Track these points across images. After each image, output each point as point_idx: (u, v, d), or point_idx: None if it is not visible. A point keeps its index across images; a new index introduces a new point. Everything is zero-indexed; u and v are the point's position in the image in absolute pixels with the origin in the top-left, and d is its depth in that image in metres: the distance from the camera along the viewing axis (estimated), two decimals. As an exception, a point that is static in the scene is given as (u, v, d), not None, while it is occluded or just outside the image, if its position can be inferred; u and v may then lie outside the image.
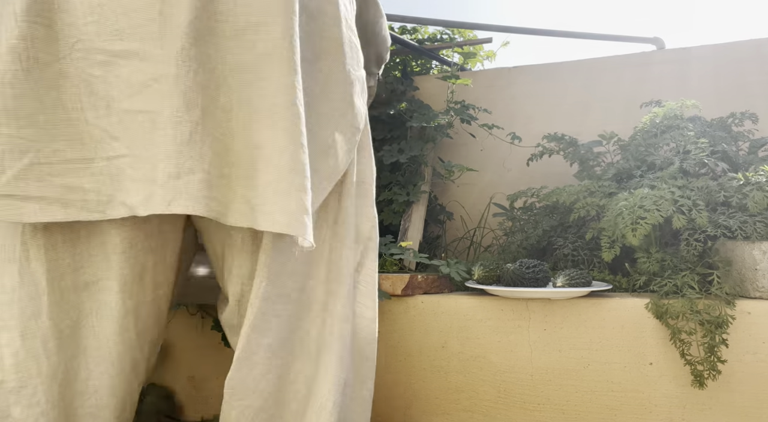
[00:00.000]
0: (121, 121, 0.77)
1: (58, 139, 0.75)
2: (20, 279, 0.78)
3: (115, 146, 0.77)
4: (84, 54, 0.76)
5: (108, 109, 0.77)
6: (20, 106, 0.72)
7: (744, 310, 1.15)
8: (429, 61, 2.26)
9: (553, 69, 2.07)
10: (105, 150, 0.77)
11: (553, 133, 1.71)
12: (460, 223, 2.06)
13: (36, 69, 0.73)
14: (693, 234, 1.23)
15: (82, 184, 0.75)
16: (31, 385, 0.77)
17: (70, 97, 0.76)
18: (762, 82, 1.83)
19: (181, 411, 1.49)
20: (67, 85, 0.76)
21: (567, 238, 1.50)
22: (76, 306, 0.83)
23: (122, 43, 0.76)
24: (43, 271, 0.78)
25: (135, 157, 0.76)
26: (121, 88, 0.77)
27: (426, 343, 1.34)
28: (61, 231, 0.80)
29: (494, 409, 1.29)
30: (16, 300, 0.77)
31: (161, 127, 0.74)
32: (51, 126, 0.74)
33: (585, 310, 1.23)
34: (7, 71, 0.72)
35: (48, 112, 0.74)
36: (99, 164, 0.77)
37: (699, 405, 1.16)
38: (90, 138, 0.77)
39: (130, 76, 0.76)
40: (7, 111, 0.71)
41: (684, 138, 1.43)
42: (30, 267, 0.78)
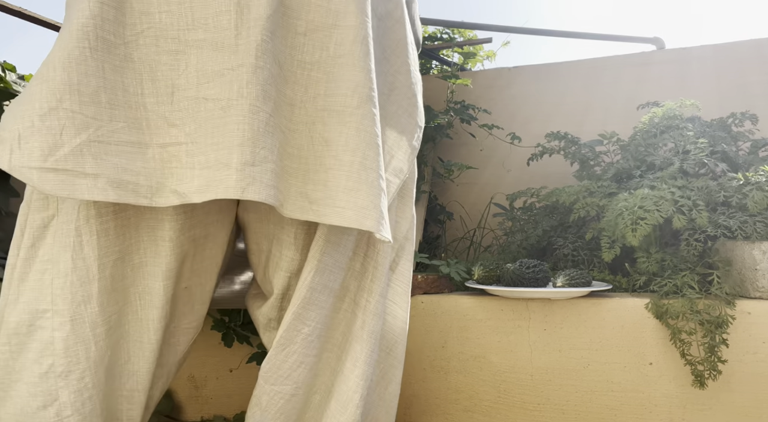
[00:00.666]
0: (183, 109, 0.77)
1: (117, 120, 0.75)
2: (72, 265, 0.78)
3: (172, 133, 0.77)
4: (153, 41, 0.77)
5: (171, 96, 0.78)
6: (84, 83, 0.72)
7: (744, 310, 1.15)
8: (429, 60, 2.26)
9: (553, 69, 2.07)
10: (161, 136, 0.77)
11: (555, 132, 1.70)
12: (460, 223, 2.06)
13: (103, 49, 0.74)
14: (693, 234, 1.23)
15: (135, 168, 0.75)
16: (79, 370, 0.78)
17: (131, 82, 0.77)
18: (762, 82, 1.83)
19: (181, 411, 1.49)
20: (130, 69, 0.77)
21: (567, 238, 1.50)
22: (122, 292, 0.84)
23: (196, 32, 0.77)
24: (94, 257, 0.79)
25: (194, 144, 0.77)
26: (190, 76, 0.77)
27: (426, 343, 1.34)
28: (114, 218, 0.81)
29: (494, 409, 1.29)
30: (68, 285, 0.78)
31: (235, 114, 0.75)
32: (111, 107, 0.75)
33: (585, 310, 1.23)
34: (75, 48, 0.72)
35: (109, 93, 0.75)
36: (153, 150, 0.77)
37: (699, 405, 1.16)
38: (147, 124, 0.77)
39: (203, 65, 0.77)
40: (71, 86, 0.72)
41: (684, 138, 1.43)
42: (83, 252, 0.78)
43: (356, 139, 0.81)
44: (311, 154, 0.82)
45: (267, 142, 0.76)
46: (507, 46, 2.20)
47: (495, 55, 2.21)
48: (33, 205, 0.81)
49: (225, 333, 1.38)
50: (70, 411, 0.77)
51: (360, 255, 0.96)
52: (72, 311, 0.78)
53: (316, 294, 0.90)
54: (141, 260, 0.84)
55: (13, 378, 0.78)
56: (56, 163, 0.70)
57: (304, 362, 0.90)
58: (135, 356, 0.86)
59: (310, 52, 0.82)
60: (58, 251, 0.78)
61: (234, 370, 1.45)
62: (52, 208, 0.80)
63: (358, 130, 0.81)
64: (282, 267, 0.93)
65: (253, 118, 0.74)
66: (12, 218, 1.57)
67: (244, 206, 0.94)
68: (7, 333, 0.78)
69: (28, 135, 0.70)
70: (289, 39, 0.81)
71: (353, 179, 0.80)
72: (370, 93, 0.82)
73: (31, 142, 0.70)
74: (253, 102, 0.75)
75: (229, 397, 1.46)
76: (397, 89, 0.95)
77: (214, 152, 0.75)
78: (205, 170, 0.75)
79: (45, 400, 0.77)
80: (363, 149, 0.80)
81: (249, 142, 0.74)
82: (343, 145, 0.81)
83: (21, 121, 0.71)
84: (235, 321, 1.39)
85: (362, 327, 0.93)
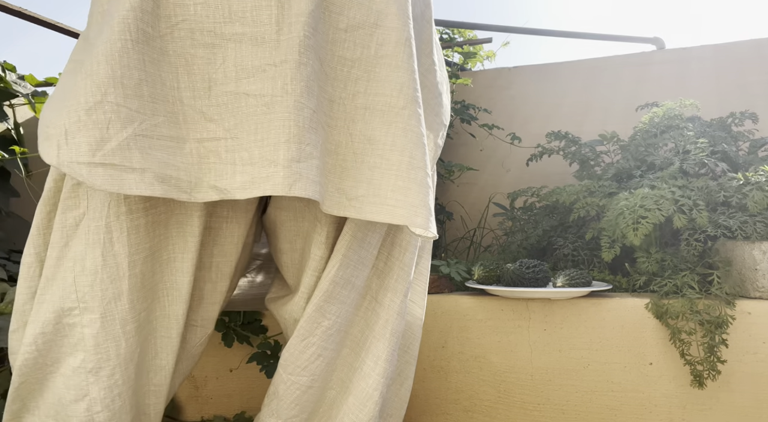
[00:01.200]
0: (222, 104, 0.77)
1: (158, 114, 0.74)
2: (103, 262, 0.78)
3: (210, 128, 0.77)
4: (188, 34, 0.76)
5: (209, 90, 0.77)
6: (127, 76, 0.72)
7: (744, 310, 1.15)
8: (429, 61, 2.25)
9: (553, 69, 2.07)
10: (198, 131, 0.77)
11: (556, 131, 1.70)
12: (460, 223, 2.06)
13: (143, 41, 0.74)
14: (693, 234, 1.23)
15: (176, 162, 0.75)
16: (110, 366, 0.78)
17: (168, 75, 0.76)
18: (762, 82, 1.83)
19: (181, 411, 1.49)
20: (166, 63, 0.76)
21: (567, 238, 1.50)
22: (151, 289, 0.84)
23: (233, 26, 0.76)
24: (125, 254, 0.79)
25: (235, 140, 0.76)
26: (228, 70, 0.77)
27: (426, 343, 1.34)
28: (145, 215, 0.80)
29: (494, 409, 1.29)
30: (98, 283, 0.77)
31: (279, 111, 0.74)
32: (153, 100, 0.74)
33: (585, 310, 1.23)
34: (117, 40, 0.71)
35: (150, 86, 0.74)
36: (190, 145, 0.77)
37: (699, 405, 1.16)
38: (183, 118, 0.77)
39: (242, 60, 0.77)
40: (114, 79, 0.71)
41: (684, 138, 1.43)
42: (113, 249, 0.78)
43: (403, 138, 0.81)
44: (350, 151, 0.82)
45: (311, 138, 0.76)
46: (507, 46, 2.20)
47: (495, 55, 2.21)
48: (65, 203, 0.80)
49: (225, 333, 1.38)
50: (100, 407, 0.78)
51: (384, 254, 0.96)
52: (102, 308, 0.78)
53: (339, 289, 0.90)
54: (169, 256, 0.84)
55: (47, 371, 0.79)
56: (104, 157, 0.69)
57: (322, 355, 0.91)
58: (163, 351, 0.87)
59: (351, 48, 0.82)
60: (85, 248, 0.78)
61: (234, 370, 1.45)
62: (83, 206, 0.80)
63: (405, 130, 0.81)
64: (311, 266, 0.93)
65: (298, 115, 0.74)
66: (12, 218, 1.57)
67: (278, 204, 0.94)
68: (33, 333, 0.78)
69: (75, 130, 0.69)
70: (330, 34, 0.81)
71: (402, 178, 0.80)
72: (415, 93, 0.82)
73: (78, 137, 0.69)
74: (297, 98, 0.74)
75: (229, 397, 1.46)
76: (426, 88, 0.96)
77: (258, 149, 0.75)
78: (249, 166, 0.75)
79: (77, 394, 0.77)
80: (411, 149, 0.81)
81: (295, 139, 0.74)
82: (390, 144, 0.81)
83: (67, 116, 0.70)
84: (235, 321, 1.39)
85: (385, 326, 0.94)
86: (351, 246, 0.90)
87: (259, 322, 1.40)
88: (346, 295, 0.92)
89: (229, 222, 0.90)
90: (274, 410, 0.92)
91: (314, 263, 0.93)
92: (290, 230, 0.95)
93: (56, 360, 0.79)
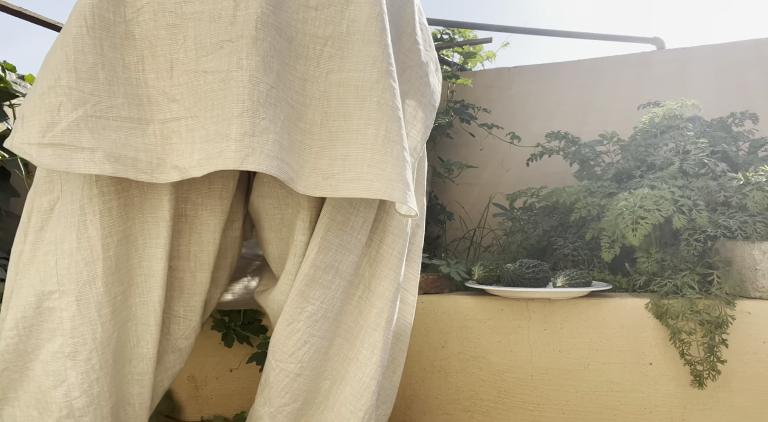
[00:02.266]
0: (183, 83, 0.78)
1: (116, 96, 0.76)
2: (77, 244, 0.78)
3: (172, 108, 0.78)
4: (152, 16, 0.78)
5: (171, 71, 0.78)
6: (81, 60, 0.74)
7: (744, 310, 1.15)
8: (429, 61, 2.25)
9: (553, 69, 2.07)
10: (162, 112, 0.78)
11: (556, 131, 1.70)
12: (460, 223, 2.06)
13: (101, 27, 0.75)
14: (693, 234, 1.23)
15: (135, 143, 0.76)
16: (86, 350, 0.78)
17: (132, 58, 0.78)
18: (762, 82, 1.83)
19: (181, 412, 1.49)
20: (131, 46, 0.78)
21: (567, 238, 1.50)
22: (127, 274, 0.84)
23: (193, 4, 0.77)
24: (98, 237, 0.79)
25: (194, 118, 0.77)
26: (188, 50, 0.78)
27: (426, 343, 1.34)
28: (117, 197, 0.81)
29: (494, 409, 1.29)
30: (73, 265, 0.78)
31: (234, 85, 0.75)
32: (110, 83, 0.76)
33: (585, 310, 1.23)
34: (72, 28, 0.74)
35: (108, 70, 0.76)
36: (154, 126, 0.77)
37: (699, 405, 1.16)
38: (148, 100, 0.78)
39: (201, 38, 0.77)
40: (67, 64, 0.73)
41: (684, 138, 1.43)
42: (87, 232, 0.79)
43: (378, 112, 0.80)
44: (325, 129, 0.82)
45: (268, 114, 0.75)
46: (507, 46, 2.20)
47: (495, 55, 2.21)
48: (38, 189, 0.81)
49: (225, 333, 1.38)
50: (78, 392, 0.77)
51: (376, 242, 0.96)
52: (78, 291, 0.78)
53: (320, 273, 0.89)
54: (145, 242, 0.85)
55: (27, 359, 0.79)
56: (53, 138, 0.71)
57: (308, 341, 0.90)
58: (143, 339, 0.86)
59: (322, 26, 0.82)
60: (63, 231, 0.79)
61: (234, 370, 1.45)
62: (57, 190, 0.81)
63: (380, 104, 0.80)
64: (294, 252, 0.93)
65: (253, 89, 0.74)
66: (12, 218, 1.57)
67: (260, 193, 0.94)
68: (14, 318, 0.78)
69: (29, 114, 0.72)
70: (300, 13, 0.81)
71: (378, 152, 0.79)
72: (389, 67, 0.82)
73: (32, 120, 0.72)
74: (253, 73, 0.74)
75: (229, 397, 1.46)
76: (410, 68, 0.95)
77: (213, 125, 0.75)
78: (205, 144, 0.75)
79: (55, 380, 0.77)
80: (386, 122, 0.80)
81: (249, 113, 0.74)
82: (365, 119, 0.80)
83: (25, 103, 0.73)
84: (235, 322, 1.39)
85: (380, 315, 0.93)
86: (330, 229, 0.89)
87: (259, 322, 1.40)
88: (330, 280, 0.91)
89: (204, 210, 0.90)
90: (266, 398, 0.92)
91: (297, 249, 0.92)
92: (274, 219, 0.94)
93: (36, 346, 0.79)
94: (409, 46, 0.95)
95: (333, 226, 0.89)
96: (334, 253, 0.90)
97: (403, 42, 0.94)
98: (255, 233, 1.05)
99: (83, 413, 0.78)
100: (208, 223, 0.90)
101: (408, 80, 0.95)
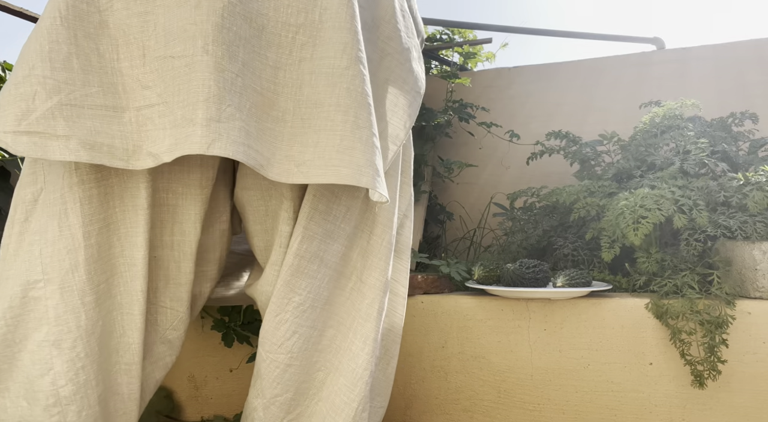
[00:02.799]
0: (155, 70, 0.78)
1: (91, 85, 0.77)
2: (59, 233, 0.79)
3: (146, 95, 0.78)
4: (124, 5, 0.79)
5: (143, 58, 0.79)
6: (56, 50, 0.75)
7: (744, 310, 1.15)
8: (428, 60, 2.26)
9: (553, 69, 2.07)
10: (136, 99, 0.79)
11: (557, 131, 1.70)
12: (460, 223, 2.06)
13: (75, 17, 0.77)
14: (693, 234, 1.23)
15: (110, 130, 0.77)
16: (71, 338, 0.79)
17: (107, 48, 0.79)
18: (762, 82, 1.83)
19: (181, 411, 1.49)
20: (105, 36, 0.79)
21: (567, 238, 1.50)
22: (110, 262, 0.84)
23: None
24: (79, 225, 0.80)
25: (165, 104, 0.77)
26: (159, 36, 0.78)
27: (426, 343, 1.34)
28: (97, 185, 0.82)
29: (494, 409, 1.29)
30: (56, 253, 0.79)
31: (200, 70, 0.75)
32: (84, 72, 0.77)
33: (585, 310, 1.23)
34: (47, 19, 0.76)
35: (83, 59, 0.77)
36: (129, 114, 0.78)
37: (699, 405, 1.16)
38: (123, 88, 0.79)
39: (169, 23, 0.78)
40: (42, 54, 0.74)
41: (684, 138, 1.43)
42: (68, 220, 0.80)
43: (347, 99, 0.81)
44: (297, 117, 0.82)
45: (234, 100, 0.76)
46: (506, 46, 2.20)
47: (494, 56, 2.21)
48: (23, 180, 0.82)
49: (225, 333, 1.38)
50: (64, 380, 0.78)
51: (366, 233, 0.96)
52: (61, 279, 0.79)
53: (305, 263, 0.90)
54: (127, 230, 0.85)
55: (15, 349, 0.79)
56: (29, 126, 0.72)
57: (297, 331, 0.90)
58: (129, 329, 0.87)
59: (294, 14, 0.82)
60: (46, 221, 0.79)
61: (234, 370, 1.45)
62: (40, 181, 0.82)
63: (349, 90, 0.81)
64: (278, 242, 0.93)
65: (218, 76, 0.75)
66: (12, 218, 1.57)
67: (243, 184, 0.94)
68: (2, 308, 0.79)
69: (5, 104, 0.73)
70: (272, 1, 0.81)
71: (347, 138, 0.80)
72: (359, 54, 0.82)
73: (8, 109, 0.73)
74: (218, 60, 0.75)
75: (229, 397, 1.46)
76: (389, 55, 0.95)
77: (180, 109, 0.76)
78: (174, 129, 0.76)
79: (42, 369, 0.78)
80: (355, 109, 0.81)
81: (215, 99, 0.74)
82: (335, 105, 0.81)
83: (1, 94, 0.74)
84: (235, 321, 1.39)
85: (371, 306, 0.94)
86: (312, 218, 0.89)
87: (259, 322, 1.40)
88: (315, 270, 0.91)
89: (185, 199, 0.90)
90: (259, 390, 0.92)
91: (282, 239, 0.93)
92: (259, 210, 0.95)
93: (24, 336, 0.79)
94: (388, 32, 0.94)
95: (315, 216, 0.90)
96: (318, 243, 0.91)
97: (382, 29, 0.94)
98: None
99: (70, 401, 0.78)
100: (189, 213, 0.91)
101: (388, 67, 0.94)
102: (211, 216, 0.97)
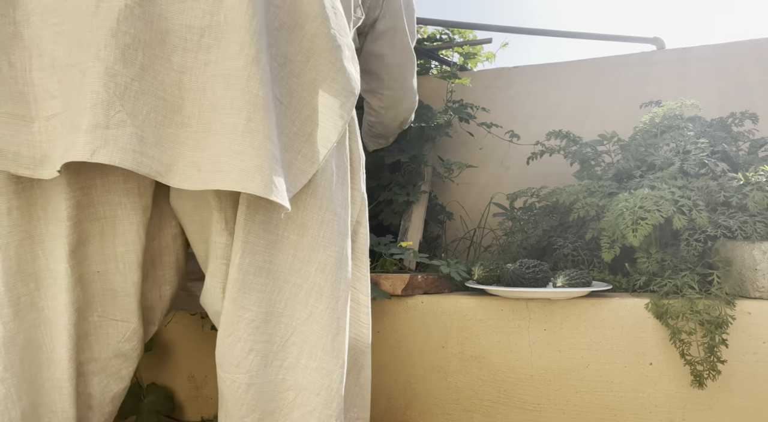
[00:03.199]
0: (60, 80, 0.78)
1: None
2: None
3: (53, 104, 0.79)
4: (40, 17, 0.79)
5: (53, 68, 0.79)
6: None
7: (744, 310, 1.15)
8: (428, 61, 2.26)
9: (553, 69, 2.07)
10: (45, 109, 0.79)
11: (557, 131, 1.70)
12: (460, 223, 2.06)
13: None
14: (693, 235, 1.23)
15: (17, 139, 0.77)
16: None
17: (19, 59, 0.79)
18: (762, 82, 1.83)
19: (181, 411, 1.49)
20: (18, 47, 0.79)
21: (567, 238, 1.50)
22: (33, 274, 0.84)
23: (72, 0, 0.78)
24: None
25: (65, 113, 0.78)
26: (65, 45, 0.78)
27: (426, 343, 1.34)
28: (17, 197, 0.82)
29: (494, 409, 1.29)
30: None
31: (91, 76, 0.75)
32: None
33: (585, 310, 1.23)
34: None
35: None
36: (39, 124, 0.79)
37: (699, 405, 1.16)
38: (34, 98, 0.79)
39: (73, 32, 0.78)
40: None
41: (684, 138, 1.43)
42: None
43: (241, 101, 0.78)
44: (201, 122, 0.80)
45: (127, 106, 0.75)
46: (506, 46, 2.20)
47: (494, 56, 2.21)
48: None
49: (225, 333, 1.38)
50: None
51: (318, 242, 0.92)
52: None
53: (251, 277, 0.87)
54: (52, 243, 0.85)
55: None
56: None
57: (254, 349, 0.87)
58: (57, 345, 0.86)
59: (199, 16, 0.80)
60: None
61: (234, 370, 1.45)
62: None
63: (243, 92, 0.78)
64: (215, 254, 0.91)
65: (109, 81, 0.74)
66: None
67: (177, 193, 0.92)
68: None
69: None
70: (176, 4, 0.80)
71: (238, 142, 0.77)
72: (257, 54, 0.79)
73: None
74: (110, 65, 0.74)
75: (229, 397, 1.45)
76: (316, 55, 0.91)
77: (71, 116, 0.76)
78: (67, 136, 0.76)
79: None
80: (248, 111, 0.78)
81: (103, 105, 0.73)
82: (228, 107, 0.78)
83: None
84: (235, 321, 1.39)
85: (340, 318, 0.91)
86: (251, 230, 0.86)
87: (259, 322, 1.40)
88: (263, 283, 0.88)
89: (125, 209, 0.89)
90: (225, 412, 0.89)
91: (217, 250, 0.90)
92: (194, 220, 0.93)
93: None
94: (314, 31, 0.90)
95: (254, 227, 0.87)
96: (262, 255, 0.87)
97: (308, 28, 0.90)
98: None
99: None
100: (131, 222, 0.89)
101: (315, 67, 0.90)
102: (159, 221, 0.95)
